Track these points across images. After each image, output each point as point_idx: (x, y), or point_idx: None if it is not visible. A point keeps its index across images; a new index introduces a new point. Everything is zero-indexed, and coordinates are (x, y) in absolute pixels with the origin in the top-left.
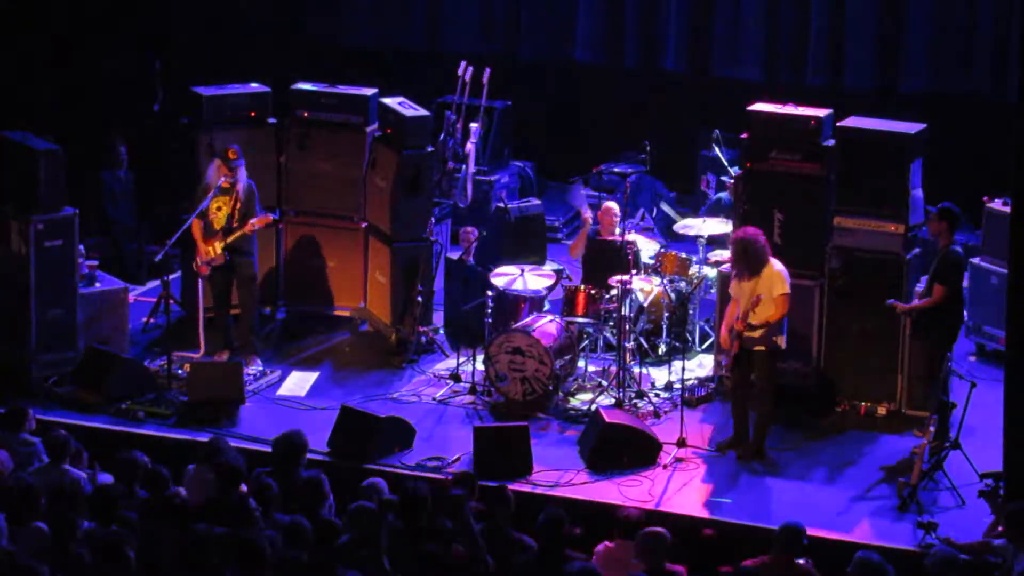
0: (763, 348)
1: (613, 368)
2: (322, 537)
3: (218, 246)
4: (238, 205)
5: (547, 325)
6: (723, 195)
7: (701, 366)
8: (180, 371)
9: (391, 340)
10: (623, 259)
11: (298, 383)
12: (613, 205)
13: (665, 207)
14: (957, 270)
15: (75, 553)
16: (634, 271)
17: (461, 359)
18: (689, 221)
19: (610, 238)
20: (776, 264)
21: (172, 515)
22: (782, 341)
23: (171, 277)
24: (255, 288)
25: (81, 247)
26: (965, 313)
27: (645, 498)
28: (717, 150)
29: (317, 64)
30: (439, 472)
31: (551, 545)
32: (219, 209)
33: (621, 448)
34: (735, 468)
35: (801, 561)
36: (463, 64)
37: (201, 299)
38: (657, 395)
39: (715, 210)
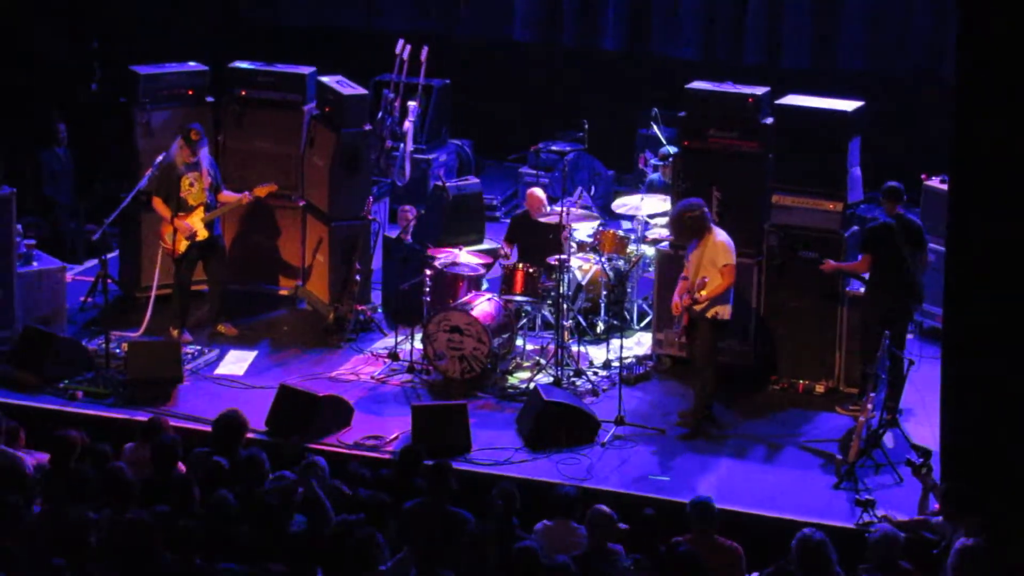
0: (707, 315)
1: (551, 346)
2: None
3: (199, 222)
4: (208, 181)
5: (485, 304)
6: (655, 176)
7: (639, 344)
8: (118, 350)
9: (329, 319)
10: (556, 239)
11: (236, 362)
12: (538, 191)
13: (655, 128)
14: (873, 239)
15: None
16: (573, 249)
17: (399, 338)
18: (627, 200)
19: (541, 219)
20: (720, 234)
21: (113, 492)
22: (727, 311)
23: (109, 256)
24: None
25: (19, 226)
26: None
27: (583, 476)
28: (655, 128)
29: (254, 43)
30: (377, 451)
31: (504, 521)
32: (192, 185)
33: (560, 426)
34: (673, 446)
35: (721, 539)
36: (401, 42)
37: (157, 277)
38: (595, 373)
39: (650, 190)
